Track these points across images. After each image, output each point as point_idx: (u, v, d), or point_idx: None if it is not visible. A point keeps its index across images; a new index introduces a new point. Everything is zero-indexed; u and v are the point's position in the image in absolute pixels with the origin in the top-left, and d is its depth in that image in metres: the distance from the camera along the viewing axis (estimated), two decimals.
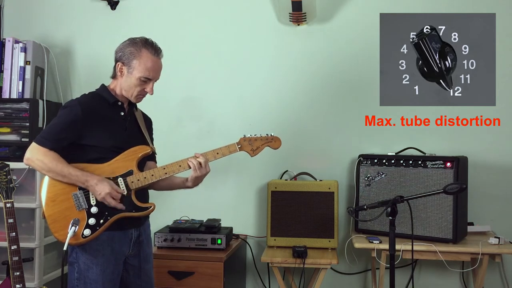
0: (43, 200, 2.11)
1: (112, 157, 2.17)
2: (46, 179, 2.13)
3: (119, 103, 2.23)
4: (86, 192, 2.12)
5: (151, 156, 2.36)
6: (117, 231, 2.16)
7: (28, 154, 2.10)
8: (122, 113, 2.25)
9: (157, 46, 2.22)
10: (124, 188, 2.16)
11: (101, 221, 2.11)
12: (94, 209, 2.11)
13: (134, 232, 2.23)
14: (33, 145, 2.10)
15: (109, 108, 2.21)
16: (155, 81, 2.24)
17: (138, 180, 2.19)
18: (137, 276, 2.27)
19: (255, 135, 2.42)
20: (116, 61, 2.20)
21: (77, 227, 2.04)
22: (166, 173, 2.25)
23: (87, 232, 2.09)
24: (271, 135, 2.45)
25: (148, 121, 2.45)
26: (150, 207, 2.21)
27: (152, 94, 2.24)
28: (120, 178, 2.16)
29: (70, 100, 2.22)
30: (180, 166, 2.28)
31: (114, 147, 2.17)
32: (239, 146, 2.38)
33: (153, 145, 2.43)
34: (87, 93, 2.26)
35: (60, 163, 2.08)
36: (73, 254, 2.13)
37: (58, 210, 2.09)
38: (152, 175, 2.22)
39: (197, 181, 2.29)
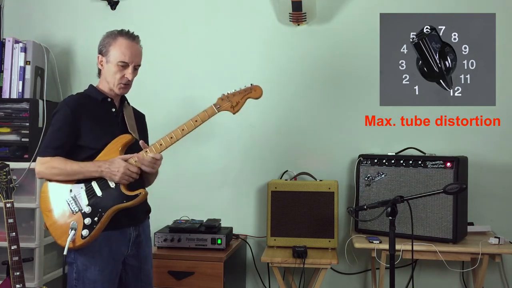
0: (42, 212, 2.16)
1: None
2: (40, 190, 2.16)
3: (109, 99, 2.24)
4: (78, 194, 2.12)
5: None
6: (114, 231, 2.15)
7: (38, 168, 2.13)
8: (114, 110, 2.25)
9: (133, 33, 2.23)
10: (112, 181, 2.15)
11: (96, 218, 2.10)
12: (87, 209, 2.10)
13: (132, 232, 2.22)
14: (38, 158, 2.14)
15: (100, 106, 2.21)
16: (135, 66, 2.21)
17: None
18: (136, 277, 2.26)
19: (234, 90, 2.28)
20: (98, 55, 2.23)
21: (76, 230, 2.07)
22: (148, 154, 2.16)
23: (85, 232, 2.08)
24: (250, 85, 2.30)
25: (139, 117, 2.42)
26: (140, 193, 2.13)
27: (131, 79, 2.21)
28: None
29: (59, 103, 2.22)
30: (161, 144, 2.19)
31: (106, 145, 2.16)
32: (218, 106, 2.27)
33: (148, 140, 2.40)
34: (75, 93, 2.28)
35: (69, 162, 2.10)
36: (71, 255, 2.13)
37: (56, 218, 2.12)
38: (135, 161, 2.15)
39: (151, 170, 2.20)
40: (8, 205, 2.55)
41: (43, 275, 3.02)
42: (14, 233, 2.53)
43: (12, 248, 2.52)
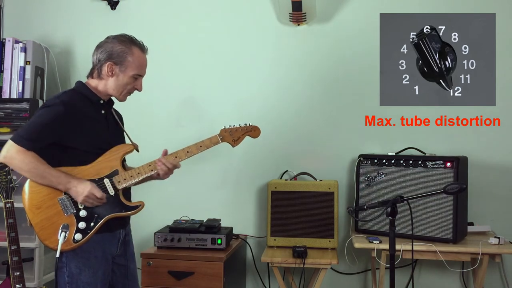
0: (27, 208, 2.04)
1: (96, 158, 2.13)
2: (27, 185, 2.05)
3: (101, 102, 2.19)
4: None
5: None
6: (107, 233, 2.14)
7: (5, 152, 2.00)
8: (103, 111, 2.20)
9: (144, 44, 2.23)
10: (111, 188, 2.13)
11: (92, 224, 2.07)
12: (83, 213, 2.07)
13: (121, 232, 2.23)
14: (11, 143, 2.00)
15: (91, 107, 2.16)
16: (142, 77, 2.24)
17: (125, 179, 2.16)
18: (123, 275, 2.26)
19: (234, 125, 2.42)
20: (105, 60, 2.14)
21: (67, 232, 1.98)
22: (152, 170, 2.23)
23: (78, 236, 2.04)
24: (250, 124, 2.45)
25: (120, 117, 2.40)
26: (139, 205, 2.18)
27: (141, 90, 2.24)
28: (106, 179, 2.13)
29: (52, 99, 2.12)
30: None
31: (98, 148, 2.14)
32: (221, 137, 2.37)
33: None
34: (68, 90, 2.19)
35: (41, 164, 2.01)
36: (62, 259, 2.07)
37: (46, 217, 2.04)
38: (138, 173, 2.19)
39: (165, 177, 2.28)
40: (8, 205, 2.55)
41: (43, 275, 3.03)
42: (14, 233, 2.53)
43: (12, 248, 2.52)
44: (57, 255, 1.94)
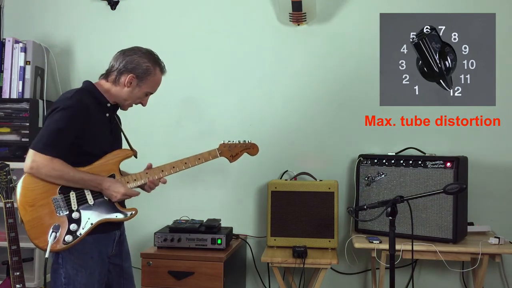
0: (20, 205, 2.01)
1: (96, 160, 2.14)
2: (22, 182, 2.03)
3: (108, 105, 2.20)
4: (66, 196, 2.06)
5: None
6: (103, 234, 2.15)
7: (30, 162, 1.99)
8: (107, 114, 2.21)
9: (164, 64, 2.30)
10: None
11: (83, 226, 2.07)
12: (75, 214, 2.06)
13: (117, 233, 2.24)
14: (34, 153, 1.99)
15: (98, 109, 2.16)
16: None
17: None
18: (119, 275, 2.27)
19: (233, 141, 2.48)
20: (128, 71, 2.16)
21: (58, 233, 1.97)
22: (149, 177, 2.26)
23: (68, 238, 2.03)
24: (249, 141, 2.52)
25: (120, 121, 2.40)
26: (132, 212, 2.19)
27: (145, 106, 2.31)
28: None
29: (65, 99, 2.08)
30: (162, 171, 2.29)
31: (100, 150, 2.15)
32: (220, 151, 2.44)
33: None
34: (78, 89, 2.16)
35: (69, 169, 2.03)
36: (58, 260, 2.07)
37: (38, 216, 2.01)
38: (135, 179, 2.21)
39: (149, 190, 2.33)
40: (8, 205, 2.55)
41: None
42: (14, 233, 2.53)
43: (12, 248, 2.52)
44: (46, 255, 1.93)
